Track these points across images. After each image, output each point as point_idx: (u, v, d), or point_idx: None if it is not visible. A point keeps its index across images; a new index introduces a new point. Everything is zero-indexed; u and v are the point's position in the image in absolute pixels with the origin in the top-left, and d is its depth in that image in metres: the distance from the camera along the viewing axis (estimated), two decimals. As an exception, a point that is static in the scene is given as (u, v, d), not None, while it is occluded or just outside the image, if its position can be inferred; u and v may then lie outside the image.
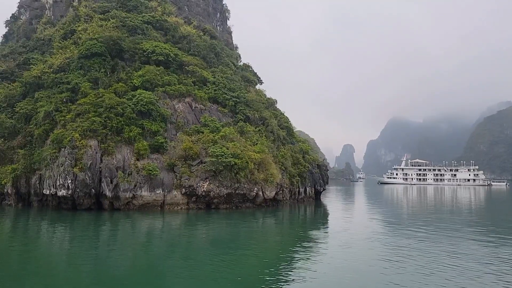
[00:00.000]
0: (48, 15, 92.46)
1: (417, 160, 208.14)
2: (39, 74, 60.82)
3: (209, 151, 48.28)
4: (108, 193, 45.31)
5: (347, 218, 48.59)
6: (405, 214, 56.16)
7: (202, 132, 53.38)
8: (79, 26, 70.09)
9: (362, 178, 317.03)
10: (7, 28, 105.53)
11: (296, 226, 41.63)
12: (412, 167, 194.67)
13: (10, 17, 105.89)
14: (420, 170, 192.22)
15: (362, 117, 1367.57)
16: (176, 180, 48.41)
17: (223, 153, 47.72)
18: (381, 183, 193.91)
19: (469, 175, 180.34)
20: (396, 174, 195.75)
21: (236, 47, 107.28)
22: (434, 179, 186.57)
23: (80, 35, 66.09)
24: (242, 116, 61.25)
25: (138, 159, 48.22)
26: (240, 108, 62.06)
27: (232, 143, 50.93)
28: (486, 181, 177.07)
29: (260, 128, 61.82)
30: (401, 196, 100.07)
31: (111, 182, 45.45)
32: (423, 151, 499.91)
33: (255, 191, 50.25)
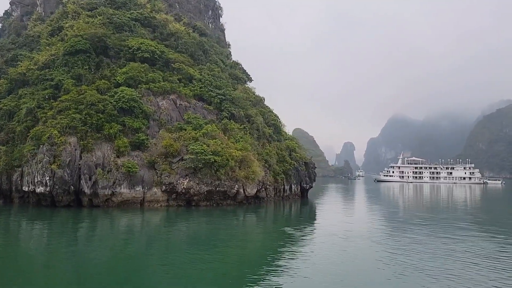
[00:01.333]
0: (39, 11, 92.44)
1: (413, 158, 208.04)
2: (25, 71, 60.79)
3: (189, 149, 48.21)
4: (87, 190, 45.38)
5: (331, 216, 48.46)
6: (394, 212, 55.77)
7: (185, 129, 53.29)
8: (66, 23, 70.02)
9: (361, 176, 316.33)
10: (0, 24, 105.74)
11: (277, 223, 41.53)
12: (408, 165, 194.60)
13: (3, 13, 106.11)
14: (416, 168, 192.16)
15: (363, 115, 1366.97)
16: (157, 177, 48.40)
17: (203, 150, 47.67)
18: (377, 181, 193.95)
19: (465, 173, 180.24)
20: (393, 172, 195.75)
21: (229, 45, 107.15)
22: (430, 177, 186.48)
23: (67, 32, 66.01)
24: (227, 114, 61.09)
25: (118, 156, 48.18)
26: (226, 105, 61.89)
27: (214, 140, 50.83)
28: (481, 179, 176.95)
29: (245, 125, 61.70)
30: (394, 193, 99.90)
31: (90, 179, 45.48)
32: (423, 149, 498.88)
33: (235, 189, 50.21)
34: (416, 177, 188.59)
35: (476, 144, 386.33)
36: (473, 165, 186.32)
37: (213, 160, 47.75)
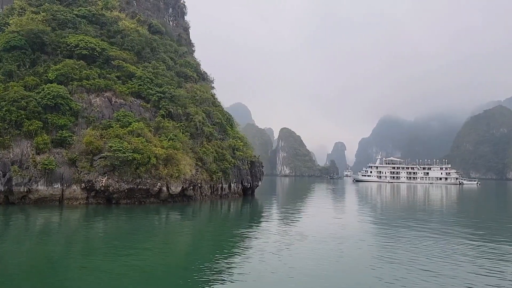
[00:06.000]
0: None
1: (392, 158, 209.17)
2: (-39, 67, 60.25)
3: (107, 146, 47.97)
4: (1, 187, 45.03)
5: (268, 215, 47.39)
6: (352, 211, 54.76)
7: (112, 127, 53.01)
8: (12, 19, 69.56)
9: (348, 176, 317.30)
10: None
11: (197, 222, 40.72)
12: (386, 165, 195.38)
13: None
14: (393, 168, 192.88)
15: (355, 115, 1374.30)
16: (77, 175, 48.15)
17: (121, 148, 47.42)
18: (356, 181, 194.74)
19: (441, 173, 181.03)
20: (371, 172, 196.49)
21: (193, 44, 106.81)
22: (407, 177, 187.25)
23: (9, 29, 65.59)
24: (165, 112, 60.91)
25: (38, 153, 47.90)
26: (164, 103, 61.67)
27: (138, 138, 50.61)
28: (457, 180, 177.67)
29: (182, 123, 61.49)
30: (364, 192, 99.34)
31: (4, 176, 45.15)
32: (413, 149, 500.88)
33: (158, 186, 49.98)
34: (393, 177, 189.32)
35: (463, 144, 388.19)
36: (449, 166, 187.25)
37: (131, 158, 47.51)
